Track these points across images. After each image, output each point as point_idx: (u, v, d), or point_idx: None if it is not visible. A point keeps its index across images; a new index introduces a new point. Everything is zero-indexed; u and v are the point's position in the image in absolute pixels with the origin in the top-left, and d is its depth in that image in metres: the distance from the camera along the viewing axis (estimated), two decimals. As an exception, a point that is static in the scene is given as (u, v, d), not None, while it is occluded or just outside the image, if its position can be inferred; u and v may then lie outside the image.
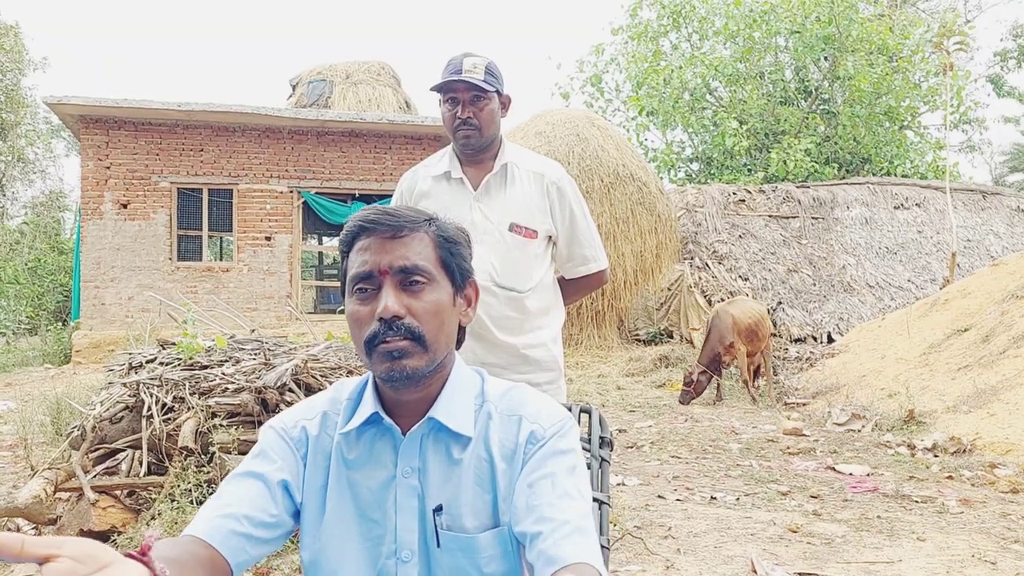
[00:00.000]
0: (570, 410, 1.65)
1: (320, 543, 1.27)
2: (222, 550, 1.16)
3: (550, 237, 2.46)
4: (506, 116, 2.42)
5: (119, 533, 3.74)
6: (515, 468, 1.25)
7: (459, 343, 1.34)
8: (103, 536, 3.75)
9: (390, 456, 1.27)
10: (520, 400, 1.32)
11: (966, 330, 8.16)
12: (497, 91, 2.34)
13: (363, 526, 1.26)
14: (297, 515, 1.29)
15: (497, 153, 2.42)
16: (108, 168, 12.56)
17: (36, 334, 15.57)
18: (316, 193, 13.24)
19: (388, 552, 1.25)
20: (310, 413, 1.33)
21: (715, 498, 4.70)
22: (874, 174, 18.37)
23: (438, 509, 1.24)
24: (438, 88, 2.33)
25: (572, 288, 2.59)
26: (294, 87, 17.58)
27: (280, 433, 1.31)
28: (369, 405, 1.28)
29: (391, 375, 1.21)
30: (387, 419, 1.27)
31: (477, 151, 2.38)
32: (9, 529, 3.91)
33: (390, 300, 1.21)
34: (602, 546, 1.46)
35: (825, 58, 19.70)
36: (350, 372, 4.33)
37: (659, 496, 4.75)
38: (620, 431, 6.85)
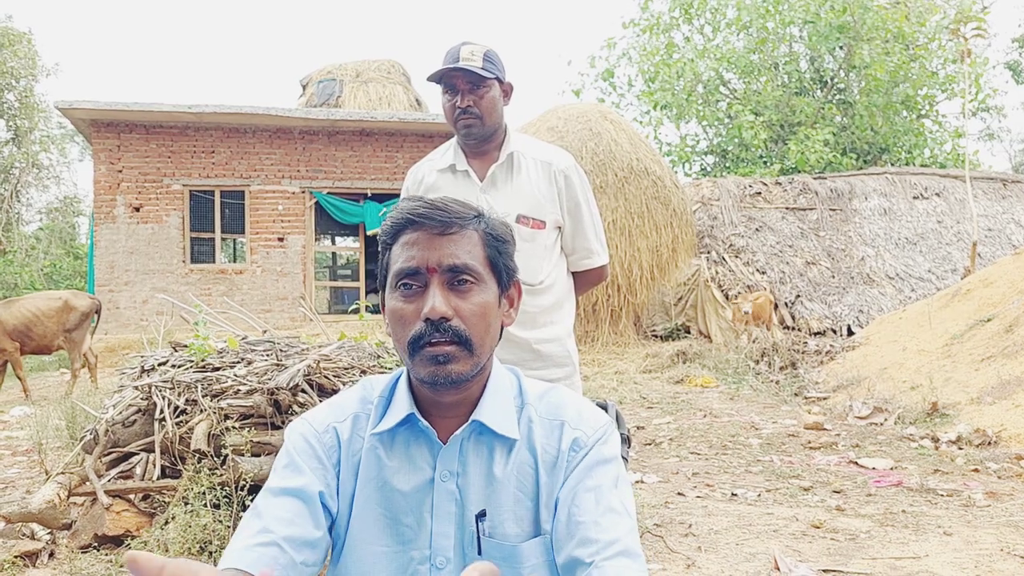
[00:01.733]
0: None
1: (347, 548, 1.22)
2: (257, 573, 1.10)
3: (559, 228, 2.39)
4: (508, 104, 2.34)
5: (133, 537, 3.71)
6: (557, 477, 1.21)
7: (498, 341, 1.29)
8: (118, 540, 3.72)
9: (427, 459, 1.22)
10: (559, 403, 1.27)
11: (989, 320, 8.03)
12: (498, 79, 2.27)
13: (394, 530, 1.21)
14: (333, 526, 1.24)
15: (502, 143, 2.35)
16: (120, 171, 12.59)
17: (53, 339, 15.61)
18: (328, 193, 13.22)
19: (420, 558, 1.20)
20: (341, 415, 1.27)
21: (736, 494, 4.62)
22: (892, 164, 18.19)
23: (481, 515, 1.19)
24: (435, 78, 2.26)
25: (577, 282, 2.52)
26: (304, 87, 17.58)
27: (310, 440, 1.24)
28: (404, 405, 1.23)
29: (435, 379, 1.16)
30: (423, 421, 1.22)
31: (480, 141, 2.32)
32: (24, 535, 3.89)
33: (438, 301, 1.15)
34: None
35: (840, 47, 19.51)
36: (363, 372, 4.27)
37: (679, 493, 4.67)
38: (638, 428, 6.78)
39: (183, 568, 0.77)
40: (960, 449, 5.61)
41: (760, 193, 14.77)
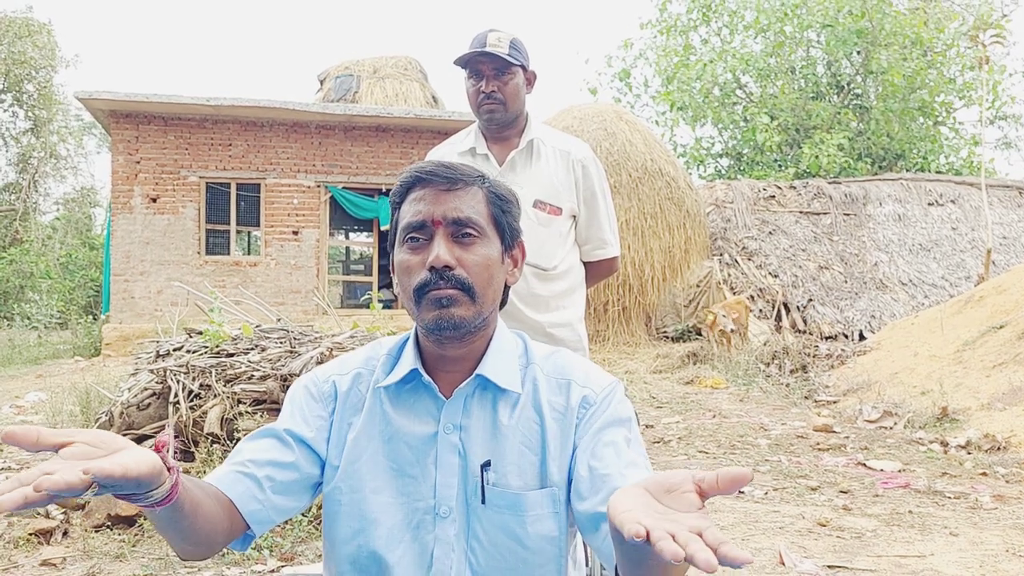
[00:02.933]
0: None
1: (350, 498, 1.25)
2: (232, 496, 1.16)
3: (574, 217, 2.43)
4: (531, 92, 2.38)
5: (145, 518, 3.76)
6: (567, 430, 1.25)
7: (503, 304, 1.34)
8: (130, 520, 3.77)
9: (431, 412, 1.27)
10: (566, 364, 1.32)
11: (1002, 327, 8.00)
12: (522, 66, 2.31)
13: (399, 481, 1.25)
14: (322, 469, 1.28)
15: (523, 129, 2.39)
16: (138, 163, 12.68)
17: (67, 328, 15.78)
18: (343, 188, 13.28)
19: (425, 508, 1.24)
20: (343, 369, 1.33)
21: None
22: (908, 170, 18.11)
23: (486, 464, 1.23)
24: (462, 62, 2.30)
25: (588, 273, 2.55)
26: (321, 82, 17.66)
27: (308, 389, 1.31)
28: (409, 361, 1.28)
29: (439, 323, 1.21)
30: (426, 377, 1.27)
31: (502, 127, 2.35)
32: (38, 514, 3.95)
33: (442, 250, 1.21)
34: None
35: (858, 52, 19.45)
36: (375, 361, 4.31)
37: (686, 489, 4.69)
38: (648, 427, 6.79)
39: (98, 438, 0.86)
40: (969, 453, 5.60)
41: (774, 196, 14.74)
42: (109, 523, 3.78)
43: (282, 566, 3.34)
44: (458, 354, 1.27)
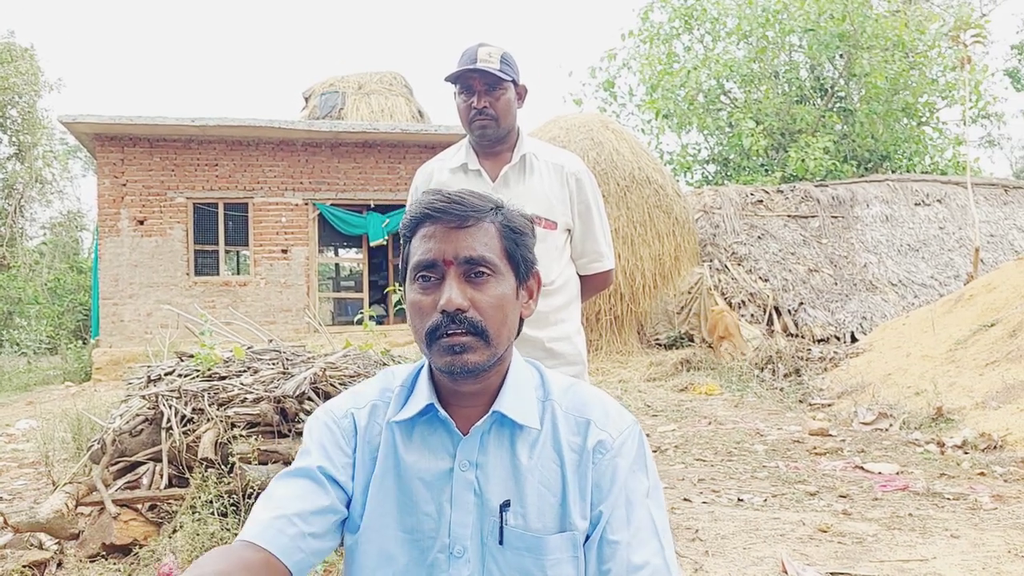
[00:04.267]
0: None
1: (365, 534, 1.24)
2: (274, 551, 1.13)
3: (569, 230, 2.42)
4: (522, 107, 2.37)
5: (141, 546, 3.71)
6: (583, 474, 1.23)
7: (517, 333, 1.31)
8: (125, 549, 3.73)
9: (447, 448, 1.24)
10: (585, 400, 1.29)
11: (992, 325, 8.03)
12: (513, 81, 2.30)
13: (412, 519, 1.23)
14: (349, 504, 1.26)
15: (515, 144, 2.38)
16: (124, 185, 12.63)
17: (56, 353, 15.67)
18: (331, 205, 13.26)
19: (439, 546, 1.22)
20: (359, 403, 1.30)
21: (742, 500, 4.62)
22: (893, 171, 18.20)
23: (506, 504, 1.21)
24: (452, 78, 2.28)
25: (583, 286, 2.54)
26: (307, 99, 17.64)
27: (328, 424, 1.28)
28: (424, 395, 1.25)
29: (451, 368, 1.18)
30: (442, 412, 1.24)
31: (494, 142, 2.34)
32: (32, 545, 3.90)
33: (454, 293, 1.18)
34: None
35: (840, 55, 19.57)
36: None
37: (685, 499, 4.68)
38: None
39: None
40: (966, 453, 5.61)
41: (762, 201, 14.79)
42: (104, 553, 3.73)
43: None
44: (473, 390, 1.24)
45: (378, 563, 1.22)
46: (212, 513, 3.59)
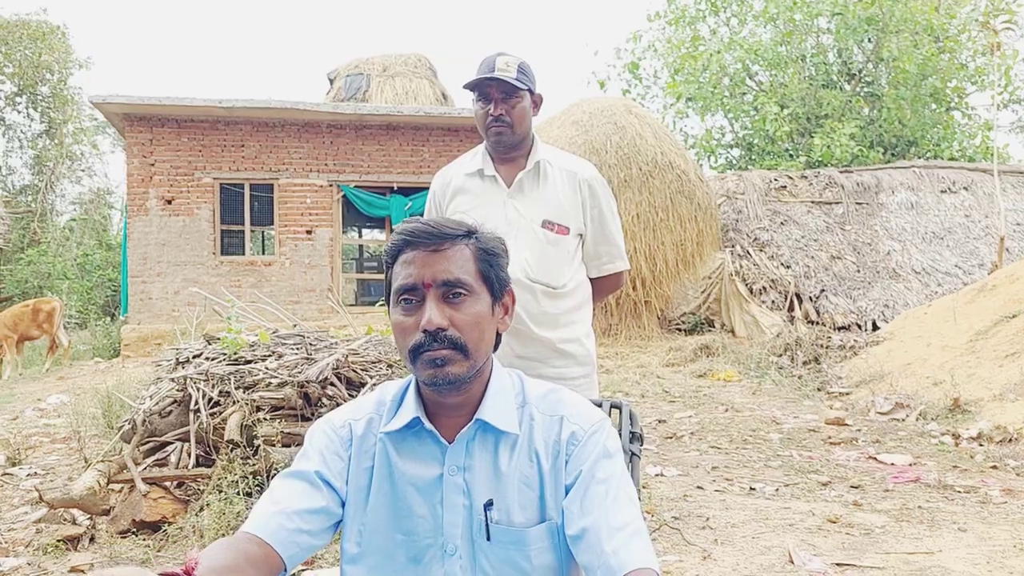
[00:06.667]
0: (600, 406, 1.71)
1: (364, 537, 1.36)
2: (273, 543, 1.26)
3: (580, 235, 2.50)
4: (537, 115, 2.45)
5: (169, 523, 3.86)
6: (559, 466, 1.35)
7: (496, 346, 1.42)
8: (154, 526, 3.87)
9: (436, 456, 1.36)
10: (559, 401, 1.41)
11: (1014, 316, 7.99)
12: (529, 90, 2.38)
13: (408, 522, 1.35)
14: (343, 506, 1.38)
15: (530, 151, 2.46)
16: (152, 165, 12.81)
17: (86, 328, 15.95)
18: (355, 186, 13.37)
19: (433, 545, 1.34)
20: (358, 414, 1.43)
21: (754, 488, 4.70)
22: (920, 157, 18.01)
23: (489, 504, 1.33)
24: (471, 86, 2.37)
25: (596, 288, 2.62)
26: (332, 81, 17.75)
27: (327, 432, 1.41)
28: (411, 408, 1.37)
29: (434, 381, 1.30)
30: (428, 424, 1.36)
31: (509, 148, 2.43)
32: (65, 520, 4.06)
33: (433, 313, 1.29)
34: None
35: (868, 40, 19.35)
36: (390, 366, 4.40)
37: (698, 487, 4.76)
38: (660, 421, 6.85)
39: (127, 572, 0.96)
40: (980, 446, 5.64)
41: (785, 187, 14.72)
42: (134, 529, 3.88)
43: (302, 570, 3.43)
44: (456, 402, 1.36)
45: (377, 561, 1.35)
46: (237, 493, 3.72)
